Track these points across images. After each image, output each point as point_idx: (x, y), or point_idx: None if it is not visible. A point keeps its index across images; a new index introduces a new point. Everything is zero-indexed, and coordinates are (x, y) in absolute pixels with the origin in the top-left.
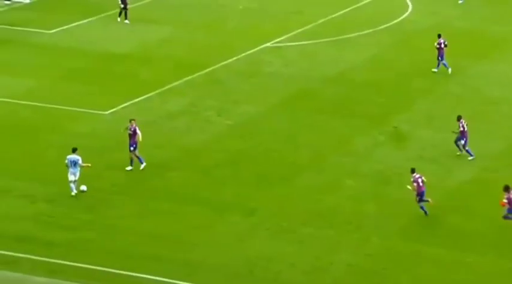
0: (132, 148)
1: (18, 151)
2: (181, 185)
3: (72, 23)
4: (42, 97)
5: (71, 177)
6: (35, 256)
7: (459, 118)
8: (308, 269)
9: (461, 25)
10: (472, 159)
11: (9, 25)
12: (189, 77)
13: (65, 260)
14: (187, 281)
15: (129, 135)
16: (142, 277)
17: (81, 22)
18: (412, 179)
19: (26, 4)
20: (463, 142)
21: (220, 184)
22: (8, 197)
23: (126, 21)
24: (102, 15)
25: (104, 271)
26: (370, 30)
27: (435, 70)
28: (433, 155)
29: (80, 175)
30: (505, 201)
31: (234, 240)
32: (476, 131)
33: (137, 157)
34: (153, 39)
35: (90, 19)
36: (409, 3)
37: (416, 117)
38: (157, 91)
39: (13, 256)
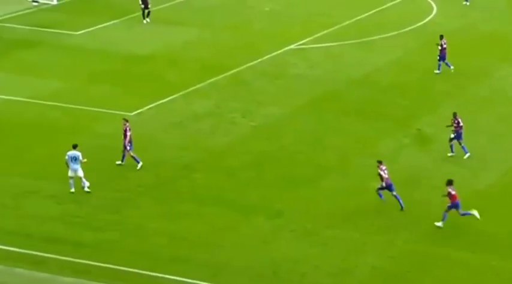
0: (128, 148)
1: (45, 152)
2: (206, 186)
3: (98, 24)
4: (68, 98)
5: (71, 173)
6: (62, 256)
7: (455, 114)
8: (333, 271)
9: (486, 27)
10: (468, 156)
11: (36, 26)
12: (214, 79)
13: (91, 260)
14: (211, 283)
15: (124, 135)
16: (167, 278)
17: (107, 24)
18: (379, 170)
19: (53, 6)
20: (455, 140)
21: (245, 185)
22: (35, 198)
23: (148, 19)
24: (128, 17)
25: (130, 271)
26: (395, 33)
27: (438, 71)
28: (458, 158)
29: (83, 172)
30: (453, 192)
31: (259, 242)
32: (502, 134)
33: (133, 157)
34: (178, 41)
35: (115, 21)
36: (434, 6)
37: (441, 120)
38: (182, 93)
39: (40, 256)
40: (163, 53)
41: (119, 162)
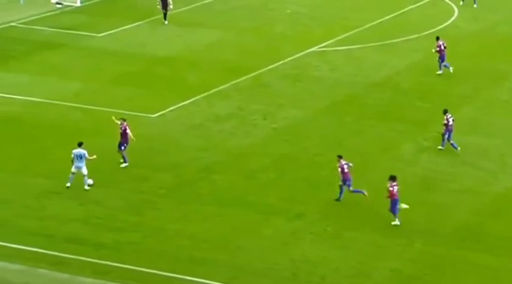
0: (123, 148)
1: (67, 153)
2: (227, 188)
3: (120, 26)
4: (90, 100)
5: (74, 170)
6: (83, 257)
7: (445, 112)
8: (352, 273)
9: (505, 31)
10: (458, 151)
11: (60, 28)
12: (236, 81)
13: (112, 261)
14: None
15: (120, 134)
16: (187, 279)
17: (129, 26)
18: (338, 164)
19: (77, 8)
20: (446, 136)
21: (266, 187)
22: (58, 199)
23: (165, 22)
24: (150, 19)
25: (150, 272)
26: (416, 36)
27: (440, 72)
28: (477, 161)
29: (87, 170)
30: (390, 189)
31: (279, 244)
32: None
33: (123, 156)
34: (200, 43)
35: (138, 23)
36: (455, 9)
37: (460, 123)
38: (204, 95)
39: (62, 256)
40: (185, 54)
41: (125, 165)
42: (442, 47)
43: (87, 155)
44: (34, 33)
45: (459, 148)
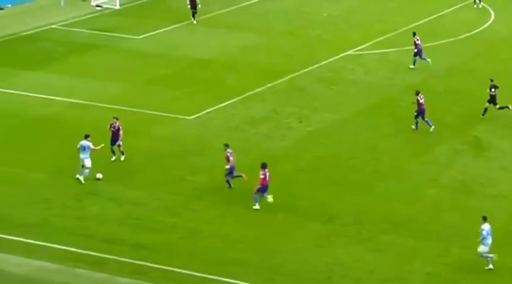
0: (118, 145)
1: (105, 154)
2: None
3: (159, 29)
4: (129, 101)
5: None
6: (121, 257)
7: (417, 93)
8: (387, 277)
9: None
10: (433, 130)
11: (99, 30)
12: (272, 84)
13: (149, 262)
14: None
15: (112, 132)
16: (222, 281)
17: (167, 28)
18: (226, 154)
19: (116, 10)
20: (420, 117)
21: (300, 190)
22: (97, 199)
23: (194, 21)
24: (188, 21)
25: (185, 273)
26: (452, 39)
27: (412, 67)
28: None
29: (91, 163)
30: (262, 176)
31: (313, 246)
32: None
33: (113, 151)
34: (237, 46)
35: (176, 25)
36: (492, 12)
37: (497, 127)
38: (240, 97)
39: (100, 256)
40: (222, 57)
41: (122, 158)
42: (418, 42)
43: (91, 146)
44: (74, 35)
45: (434, 127)
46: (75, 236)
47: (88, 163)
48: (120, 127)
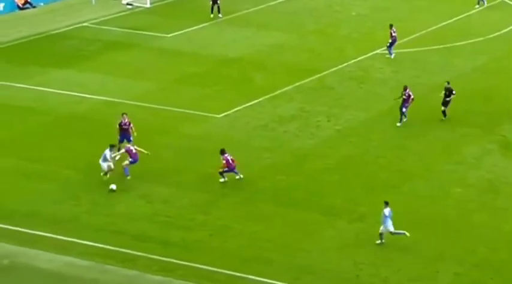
0: (130, 140)
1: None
2: (290, 189)
3: (189, 27)
4: (158, 99)
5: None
6: (151, 254)
7: (405, 88)
8: (415, 276)
9: None
10: (405, 120)
11: (130, 29)
12: (300, 82)
13: (179, 259)
14: None
15: (123, 129)
16: (250, 279)
17: (197, 27)
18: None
19: (147, 9)
20: (404, 109)
21: (328, 189)
22: (127, 197)
23: (219, 15)
24: (218, 20)
25: (214, 271)
26: (480, 39)
27: (390, 56)
28: None
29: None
30: (224, 162)
31: (341, 245)
32: None
33: (119, 149)
34: (265, 44)
35: (206, 24)
36: None
37: None
38: (269, 96)
39: (130, 253)
40: (250, 56)
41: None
42: (394, 34)
43: (108, 156)
44: (105, 33)
45: (406, 119)
46: (104, 233)
47: (104, 167)
48: (131, 123)
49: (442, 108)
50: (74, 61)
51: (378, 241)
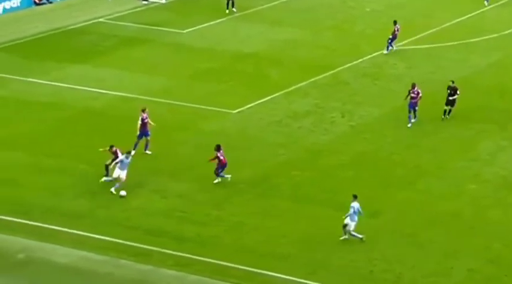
0: (148, 136)
1: (151, 147)
2: (305, 185)
3: (204, 23)
4: (174, 95)
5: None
6: (166, 249)
7: (414, 85)
8: (429, 272)
9: None
10: (410, 126)
11: (145, 24)
12: (315, 78)
13: (194, 254)
14: (308, 280)
15: (145, 124)
16: (266, 274)
17: (213, 22)
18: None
19: (162, 4)
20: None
21: (343, 185)
22: (142, 192)
23: (234, 9)
24: (233, 16)
25: (229, 266)
26: (496, 35)
27: (386, 52)
28: None
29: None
30: (221, 157)
31: (356, 241)
32: None
33: (136, 145)
34: (280, 40)
35: (220, 20)
36: None
37: None
38: (283, 92)
39: (144, 248)
40: (265, 52)
41: (133, 152)
42: (396, 32)
43: (127, 160)
44: (121, 29)
45: (416, 119)
46: (119, 228)
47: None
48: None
49: (445, 107)
50: (90, 56)
51: (342, 237)
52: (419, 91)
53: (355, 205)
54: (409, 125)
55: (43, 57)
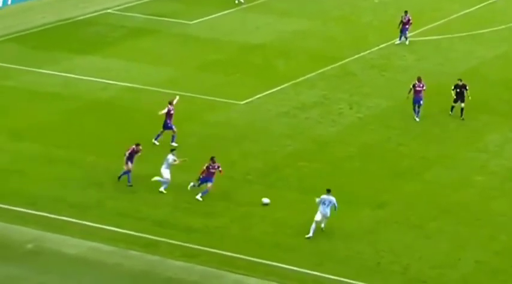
0: (172, 128)
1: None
2: (312, 176)
3: (212, 14)
4: (181, 86)
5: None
6: (173, 240)
7: (419, 79)
8: (436, 264)
9: None
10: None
11: (153, 15)
12: (323, 69)
13: (201, 245)
14: (315, 271)
15: (171, 116)
16: (273, 265)
17: (220, 13)
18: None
19: None
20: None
21: (350, 176)
22: (150, 183)
23: (242, 0)
24: (241, 7)
25: (236, 257)
26: (503, 26)
27: (398, 42)
28: None
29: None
30: (216, 169)
31: (363, 232)
32: None
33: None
34: (288, 31)
35: (229, 10)
36: None
37: None
38: (291, 83)
39: (152, 239)
40: (273, 43)
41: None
42: (407, 21)
43: (171, 160)
44: (129, 20)
45: (418, 119)
46: (127, 219)
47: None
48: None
49: (453, 104)
50: (98, 47)
51: (308, 235)
52: (424, 84)
53: (327, 198)
54: (417, 119)
55: (52, 47)
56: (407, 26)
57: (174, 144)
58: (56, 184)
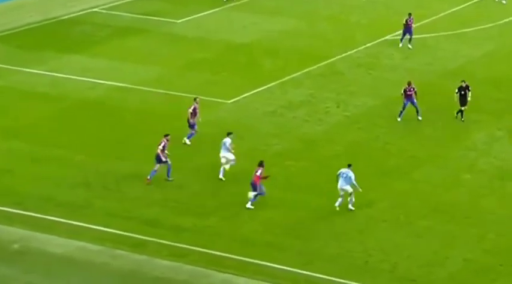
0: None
1: (147, 137)
2: (300, 175)
3: (198, 13)
4: (168, 85)
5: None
6: (161, 239)
7: (409, 83)
8: (424, 262)
9: None
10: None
11: (140, 14)
12: (310, 68)
13: (189, 244)
14: (304, 270)
15: (196, 114)
16: (261, 264)
17: (207, 12)
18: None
19: None
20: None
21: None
22: (138, 182)
23: None
24: (228, 5)
25: (226, 256)
26: (491, 24)
27: (401, 45)
28: None
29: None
30: (258, 174)
31: (351, 231)
32: None
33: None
34: (275, 30)
35: (215, 9)
36: None
37: None
38: (278, 82)
39: (140, 238)
40: (260, 42)
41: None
42: (410, 23)
43: (228, 144)
44: (115, 19)
45: (420, 118)
46: (116, 218)
47: (229, 157)
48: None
49: (461, 107)
50: (85, 46)
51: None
52: (415, 87)
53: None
54: (420, 118)
55: (39, 47)
56: (411, 29)
57: (188, 142)
58: (44, 184)
